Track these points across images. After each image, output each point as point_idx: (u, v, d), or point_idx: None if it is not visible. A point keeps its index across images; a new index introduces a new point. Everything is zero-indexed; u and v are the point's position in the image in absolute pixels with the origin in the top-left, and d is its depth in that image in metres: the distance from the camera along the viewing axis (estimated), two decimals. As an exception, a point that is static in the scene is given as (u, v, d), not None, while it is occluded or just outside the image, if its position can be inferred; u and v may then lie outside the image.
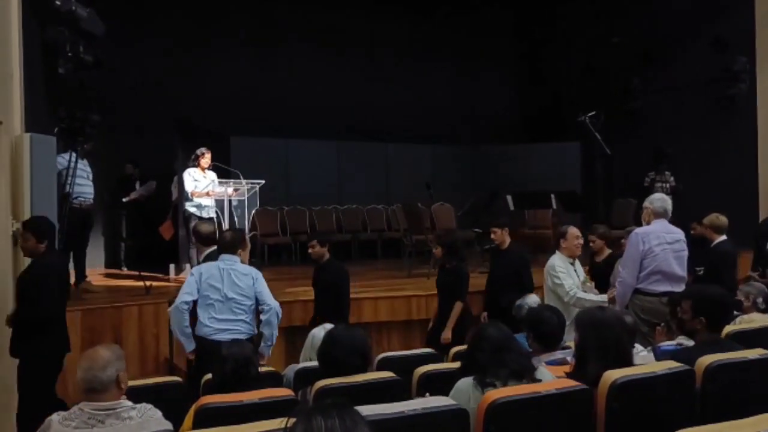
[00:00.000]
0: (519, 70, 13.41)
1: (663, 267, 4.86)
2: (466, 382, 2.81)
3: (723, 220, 6.27)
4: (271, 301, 4.54)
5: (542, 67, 12.82)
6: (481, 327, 3.10)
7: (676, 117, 10.24)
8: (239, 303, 4.48)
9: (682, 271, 4.94)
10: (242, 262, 4.68)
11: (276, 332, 4.59)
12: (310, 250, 5.67)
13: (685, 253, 5.02)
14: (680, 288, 4.84)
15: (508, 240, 6.07)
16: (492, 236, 6.06)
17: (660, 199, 5.08)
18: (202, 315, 4.47)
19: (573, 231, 5.36)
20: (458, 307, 5.64)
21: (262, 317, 4.52)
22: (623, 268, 5.03)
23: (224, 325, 4.44)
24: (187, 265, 7.61)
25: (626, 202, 10.13)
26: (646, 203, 5.10)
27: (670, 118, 10.34)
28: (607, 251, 6.13)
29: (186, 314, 4.47)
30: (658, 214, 5.00)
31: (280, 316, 4.62)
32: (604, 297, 5.18)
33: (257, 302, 4.55)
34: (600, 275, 5.95)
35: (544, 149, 11.68)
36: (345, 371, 3.07)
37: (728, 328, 3.86)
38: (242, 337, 4.38)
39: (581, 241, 5.36)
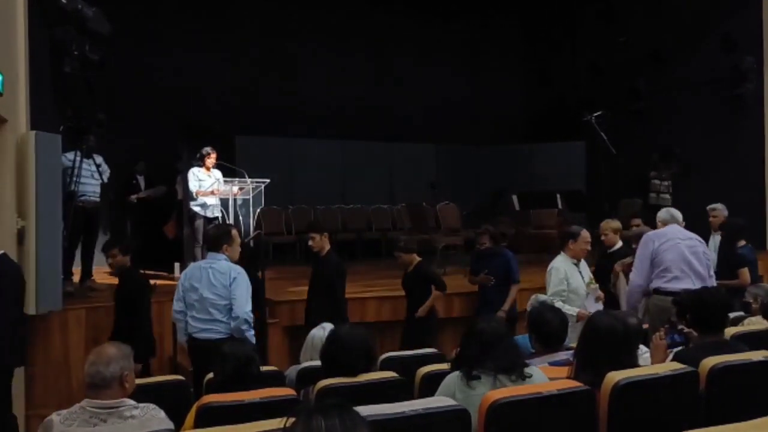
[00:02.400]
0: (525, 70, 13.36)
1: (676, 262, 4.92)
2: (452, 377, 2.83)
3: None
4: (240, 308, 4.27)
5: (548, 66, 12.77)
6: (474, 322, 3.06)
7: (683, 117, 10.19)
8: (214, 303, 4.34)
9: (700, 266, 4.97)
10: (231, 258, 4.51)
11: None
12: (110, 260, 5.38)
13: (701, 249, 5.07)
14: (701, 285, 4.81)
15: (327, 246, 5.64)
16: (309, 243, 5.65)
17: (664, 211, 5.42)
18: (188, 314, 4.46)
19: (585, 234, 5.24)
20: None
21: (231, 323, 4.30)
22: (634, 269, 5.14)
23: (203, 324, 4.38)
24: (192, 264, 7.60)
25: (631, 201, 10.08)
26: (657, 220, 5.38)
27: (677, 118, 10.29)
28: (418, 259, 5.99)
29: (181, 323, 4.49)
30: (667, 222, 5.23)
31: (251, 323, 4.34)
32: (576, 311, 4.91)
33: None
34: (412, 286, 5.95)
35: (549, 149, 11.65)
36: (348, 372, 3.07)
37: (733, 330, 3.84)
38: (221, 337, 4.27)
39: (589, 246, 5.33)
